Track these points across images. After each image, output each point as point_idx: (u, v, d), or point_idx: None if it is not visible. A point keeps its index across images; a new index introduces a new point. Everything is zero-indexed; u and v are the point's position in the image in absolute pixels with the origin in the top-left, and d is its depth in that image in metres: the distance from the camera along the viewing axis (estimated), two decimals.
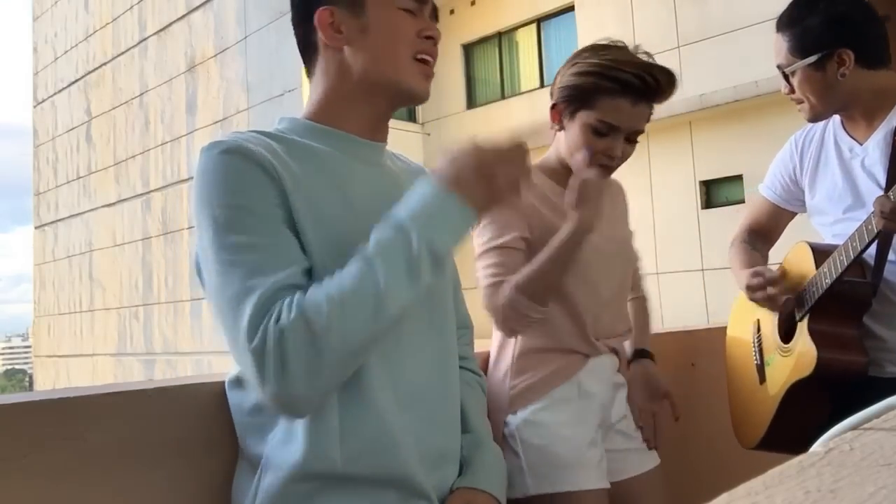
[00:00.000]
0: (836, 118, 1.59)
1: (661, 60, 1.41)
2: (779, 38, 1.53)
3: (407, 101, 1.09)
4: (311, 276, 0.94)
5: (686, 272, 9.04)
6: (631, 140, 1.40)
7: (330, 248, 0.95)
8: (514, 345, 1.44)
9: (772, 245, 1.82)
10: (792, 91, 1.54)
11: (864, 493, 0.34)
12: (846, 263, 1.40)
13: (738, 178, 8.84)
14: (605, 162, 1.39)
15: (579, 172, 1.34)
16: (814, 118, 1.56)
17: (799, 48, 1.49)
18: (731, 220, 1.89)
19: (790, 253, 1.64)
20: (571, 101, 1.40)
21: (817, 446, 0.43)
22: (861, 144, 1.52)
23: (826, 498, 0.33)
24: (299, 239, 0.94)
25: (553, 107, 1.45)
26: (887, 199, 1.28)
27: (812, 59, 1.47)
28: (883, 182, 1.44)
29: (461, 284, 1.29)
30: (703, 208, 9.35)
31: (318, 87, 1.08)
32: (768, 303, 1.58)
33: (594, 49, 1.42)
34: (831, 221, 1.57)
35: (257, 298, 0.87)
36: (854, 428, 0.46)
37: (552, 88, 1.47)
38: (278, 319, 0.86)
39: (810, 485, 0.35)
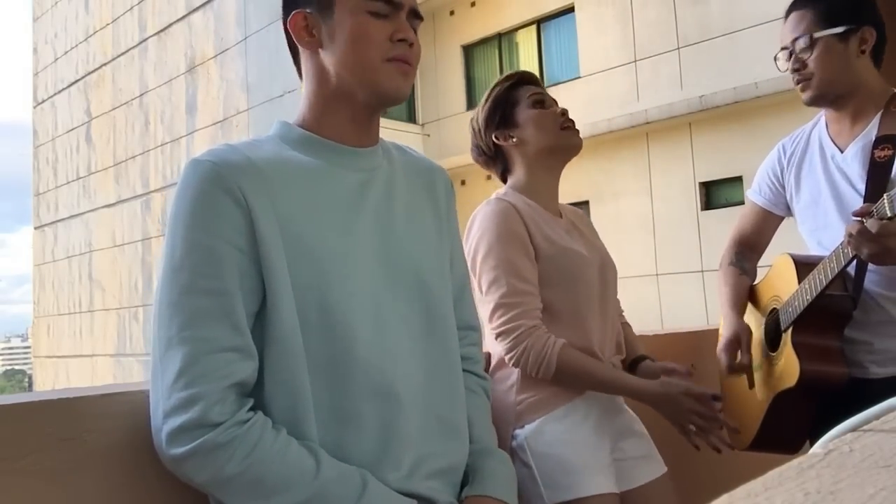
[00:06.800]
0: (822, 121, 1.61)
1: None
2: (799, 13, 1.54)
3: (384, 104, 1.06)
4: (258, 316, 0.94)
5: (685, 273, 9.03)
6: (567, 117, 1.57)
7: (308, 265, 0.95)
8: None
9: (760, 255, 1.81)
10: (801, 67, 1.53)
11: (864, 494, 0.34)
12: (825, 283, 1.41)
13: (738, 179, 8.82)
14: (567, 123, 1.54)
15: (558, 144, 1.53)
16: (816, 98, 1.54)
17: (828, 18, 1.50)
18: (731, 222, 1.89)
19: (774, 264, 1.65)
20: (501, 114, 1.58)
21: (817, 448, 0.43)
22: (842, 153, 1.53)
23: (826, 499, 0.33)
24: (262, 272, 0.93)
25: (496, 139, 1.57)
26: (858, 223, 1.28)
27: (840, 28, 1.48)
28: (863, 192, 1.46)
29: (469, 283, 1.26)
30: (702, 210, 9.34)
31: (305, 89, 1.09)
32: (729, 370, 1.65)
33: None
34: (815, 228, 1.59)
35: (191, 374, 0.89)
36: (853, 429, 0.46)
37: (480, 144, 1.63)
38: (204, 428, 0.88)
39: (810, 486, 0.35)
